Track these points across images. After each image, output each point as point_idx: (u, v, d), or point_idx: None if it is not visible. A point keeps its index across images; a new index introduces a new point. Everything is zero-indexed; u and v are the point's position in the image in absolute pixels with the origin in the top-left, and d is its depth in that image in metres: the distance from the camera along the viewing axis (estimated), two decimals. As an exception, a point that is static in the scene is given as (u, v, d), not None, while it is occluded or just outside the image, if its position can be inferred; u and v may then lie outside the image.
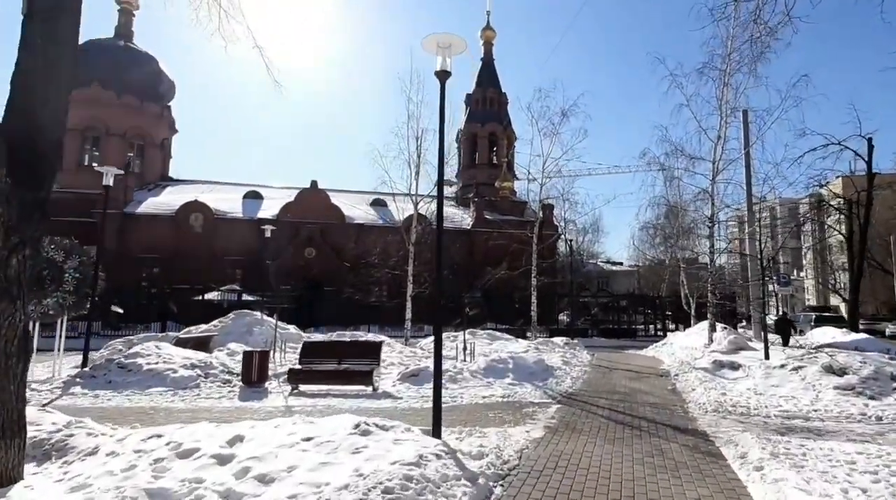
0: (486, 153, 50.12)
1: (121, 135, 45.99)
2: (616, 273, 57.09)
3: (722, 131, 17.38)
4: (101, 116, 45.38)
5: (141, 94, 46.80)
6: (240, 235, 40.72)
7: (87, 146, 46.21)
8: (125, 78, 45.93)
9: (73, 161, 44.97)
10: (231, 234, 40.57)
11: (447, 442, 6.46)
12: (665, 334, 30.35)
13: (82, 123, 45.38)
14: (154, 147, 48.47)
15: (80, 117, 45.30)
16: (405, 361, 16.07)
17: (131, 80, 46.17)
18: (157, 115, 48.37)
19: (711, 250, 17.09)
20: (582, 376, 13.92)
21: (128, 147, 46.81)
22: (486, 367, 13.14)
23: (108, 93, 45.44)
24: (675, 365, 15.68)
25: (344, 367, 11.77)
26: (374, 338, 20.45)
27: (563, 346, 19.35)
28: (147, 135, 47.70)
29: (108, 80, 45.32)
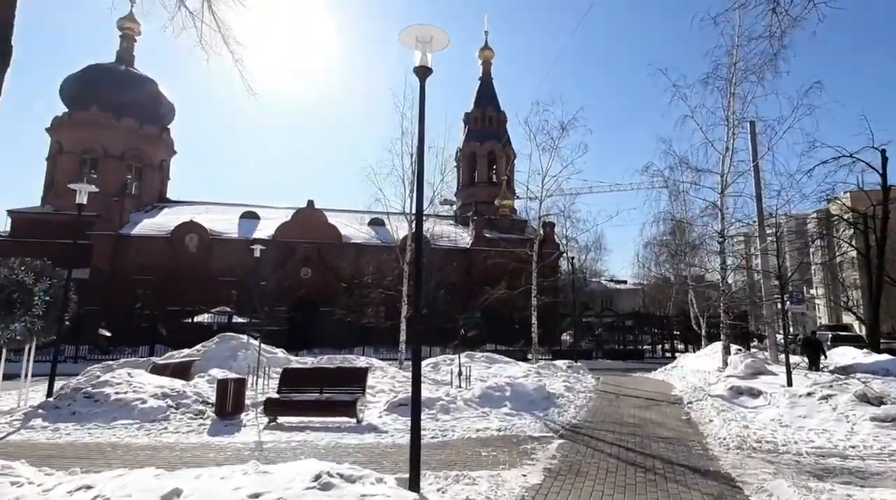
0: (486, 172, 49.34)
1: (118, 157, 45.44)
2: (620, 292, 55.82)
3: (729, 143, 16.46)
4: (99, 138, 44.96)
5: (140, 116, 46.41)
6: (235, 255, 39.76)
7: (85, 168, 45.56)
8: (124, 101, 45.59)
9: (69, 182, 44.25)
10: (226, 254, 39.66)
11: (426, 497, 5.38)
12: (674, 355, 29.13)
13: (80, 145, 45.01)
14: (152, 169, 47.88)
15: (79, 140, 44.99)
16: (397, 387, 14.95)
17: (130, 104, 45.83)
18: (155, 137, 47.85)
19: (723, 266, 16.01)
20: (587, 405, 12.78)
21: (126, 169, 46.24)
22: (481, 395, 12.04)
23: (106, 115, 45.08)
24: (687, 391, 14.54)
25: (326, 396, 10.69)
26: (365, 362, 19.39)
27: (566, 369, 18.21)
28: (145, 157, 47.14)
29: (107, 104, 45.05)
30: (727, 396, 12.10)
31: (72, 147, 44.90)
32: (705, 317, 21.67)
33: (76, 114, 45.16)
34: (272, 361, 18.40)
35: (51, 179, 45.52)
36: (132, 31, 49.15)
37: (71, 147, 44.92)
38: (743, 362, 13.89)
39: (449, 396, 12.14)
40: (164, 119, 49.21)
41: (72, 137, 45.01)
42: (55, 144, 45.75)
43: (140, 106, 46.42)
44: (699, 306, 21.80)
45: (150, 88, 48.11)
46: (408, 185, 21.25)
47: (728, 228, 16.24)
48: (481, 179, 49.15)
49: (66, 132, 45.17)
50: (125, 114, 45.50)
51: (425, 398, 11.60)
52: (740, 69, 16.20)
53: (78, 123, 44.93)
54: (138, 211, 44.23)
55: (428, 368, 19.02)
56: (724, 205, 16.26)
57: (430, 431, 9.59)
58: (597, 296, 51.01)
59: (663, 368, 20.89)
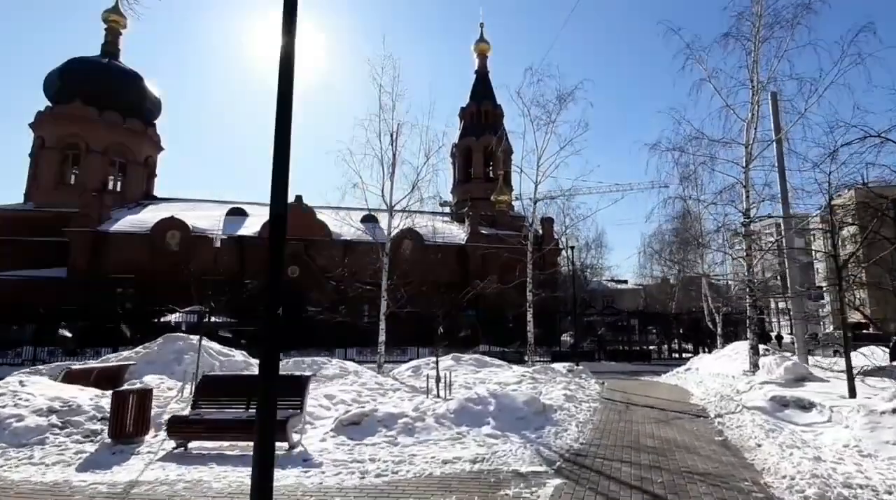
0: (482, 167, 46.64)
1: (101, 152, 43.00)
2: (622, 292, 52.94)
3: (754, 108, 13.69)
4: (81, 132, 42.55)
5: (124, 110, 44.06)
6: (219, 253, 37.17)
7: (67, 164, 43.04)
8: (108, 95, 43.34)
9: (51, 178, 41.96)
10: (210, 252, 37.00)
11: None
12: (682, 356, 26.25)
13: (62, 140, 42.64)
14: (137, 165, 45.36)
15: (60, 135, 42.59)
16: (363, 396, 12.21)
17: (114, 97, 43.55)
18: (140, 132, 45.38)
19: (749, 252, 13.22)
20: (591, 419, 10.01)
21: (109, 165, 43.75)
22: (458, 409, 9.28)
23: (89, 109, 42.67)
24: (711, 399, 11.75)
25: (248, 415, 7.94)
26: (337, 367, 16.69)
27: (566, 374, 15.45)
28: (129, 152, 44.69)
29: (90, 98, 42.76)
30: (769, 408, 9.34)
31: (54, 142, 42.48)
32: (721, 314, 18.89)
33: (58, 108, 42.73)
34: (228, 365, 15.67)
35: (33, 176, 42.99)
36: (117, 24, 46.78)
37: (53, 142, 42.50)
38: (781, 365, 11.11)
39: (418, 410, 9.39)
40: (149, 114, 46.73)
41: (54, 133, 42.56)
42: (37, 140, 43.33)
43: (124, 100, 44.09)
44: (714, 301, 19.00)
45: (135, 82, 45.72)
46: (387, 167, 18.54)
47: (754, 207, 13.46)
48: (477, 175, 46.46)
49: (48, 127, 42.73)
50: (108, 108, 43.11)
51: (385, 414, 8.89)
52: (766, 21, 13.49)
53: (59, 117, 42.49)
54: (121, 208, 41.68)
55: (408, 372, 16.28)
56: (749, 181, 13.49)
57: (379, 464, 6.84)
58: (597, 296, 48.14)
59: (674, 371, 18.09)
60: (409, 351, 26.03)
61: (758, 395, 9.98)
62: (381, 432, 8.39)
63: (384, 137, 18.26)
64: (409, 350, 26.04)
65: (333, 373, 16.21)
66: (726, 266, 20.75)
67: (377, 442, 7.98)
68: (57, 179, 42.28)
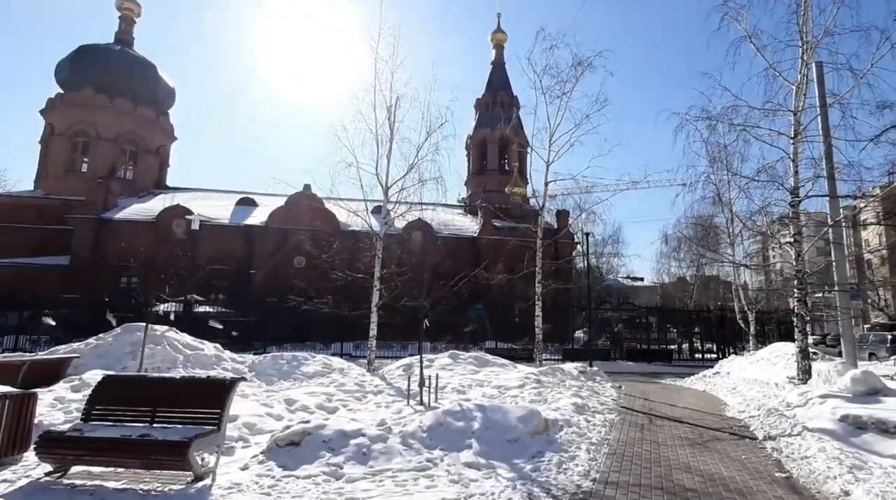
0: (497, 159, 44.20)
1: (111, 140, 41.54)
2: (638, 289, 50.09)
3: (804, 69, 11.18)
4: (91, 120, 41.16)
5: (136, 98, 42.50)
6: (227, 242, 35.45)
7: (77, 152, 41.67)
8: (120, 82, 41.84)
9: (60, 166, 40.57)
10: (217, 241, 35.27)
11: None
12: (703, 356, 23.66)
13: (72, 127, 41.26)
14: (148, 154, 43.82)
15: (71, 122, 41.22)
16: (333, 401, 10.08)
17: (126, 85, 42.06)
18: (152, 121, 43.82)
19: (797, 237, 10.73)
20: (606, 439, 7.69)
21: (119, 153, 42.27)
22: (434, 425, 7.04)
23: (100, 97, 41.24)
24: (753, 413, 9.35)
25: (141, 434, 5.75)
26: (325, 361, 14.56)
27: (577, 376, 13.11)
28: (141, 141, 43.14)
29: (101, 85, 41.31)
30: (840, 432, 6.95)
31: (63, 129, 41.13)
32: (754, 312, 16.33)
33: (69, 95, 41.37)
34: (195, 360, 13.66)
35: (43, 164, 41.72)
36: (132, 11, 45.39)
37: (63, 129, 41.14)
38: (844, 373, 8.64)
39: (383, 426, 7.19)
40: (162, 103, 45.17)
41: (64, 119, 41.20)
42: (48, 127, 42.06)
43: (136, 88, 42.60)
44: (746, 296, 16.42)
45: (148, 70, 44.16)
46: (383, 144, 16.29)
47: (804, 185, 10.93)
48: (492, 167, 44.05)
49: (59, 114, 41.39)
50: (120, 96, 41.59)
51: (334, 432, 6.69)
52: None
53: (70, 104, 41.12)
54: (131, 197, 40.16)
55: (399, 371, 14.04)
56: (797, 154, 10.98)
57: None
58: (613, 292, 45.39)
59: (701, 374, 15.61)
60: (410, 347, 23.90)
61: (821, 412, 7.56)
62: (323, 457, 6.19)
63: (380, 110, 16.02)
64: (409, 346, 23.93)
65: (314, 371, 14.11)
66: (758, 258, 18.06)
67: (314, 474, 5.78)
68: (66, 166, 40.92)
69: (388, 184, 16.07)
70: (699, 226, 16.03)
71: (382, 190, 15.96)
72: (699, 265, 27.92)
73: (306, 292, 32.46)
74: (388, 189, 16.05)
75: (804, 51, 11.34)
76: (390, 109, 16.21)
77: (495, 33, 47.50)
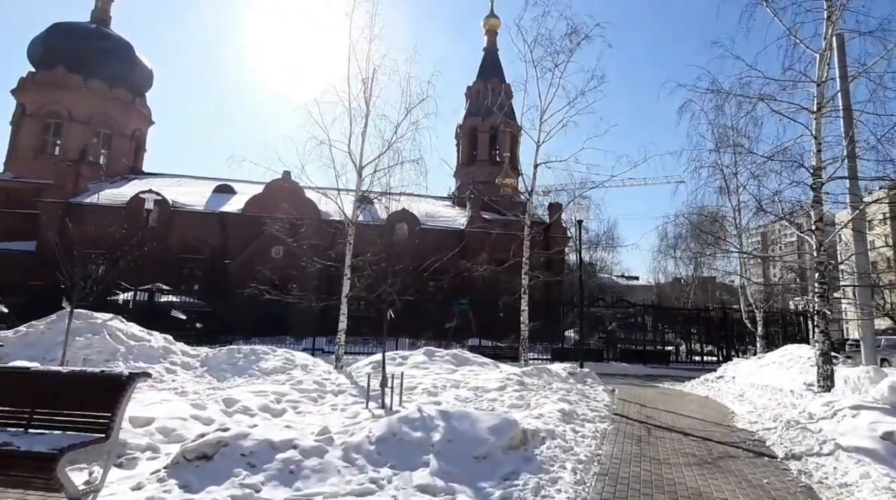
0: (487, 149, 42.95)
1: (84, 122, 39.86)
2: (632, 288, 48.90)
3: (829, 33, 9.96)
4: (63, 100, 39.54)
5: (110, 79, 40.84)
6: (201, 230, 34.02)
7: (48, 134, 40.03)
8: (94, 62, 40.12)
9: (30, 148, 38.90)
10: (191, 229, 33.86)
11: None
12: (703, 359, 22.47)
13: (44, 108, 39.63)
14: (123, 137, 42.27)
15: (42, 102, 39.61)
16: (282, 402, 8.77)
17: (101, 65, 40.36)
18: (128, 103, 42.27)
19: (818, 224, 9.50)
20: (597, 456, 6.42)
21: (93, 136, 40.61)
22: (385, 435, 5.75)
23: (73, 76, 39.61)
24: (769, 425, 8.12)
25: (6, 441, 4.43)
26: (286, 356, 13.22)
27: (566, 377, 11.85)
28: (115, 124, 41.60)
29: (74, 65, 39.65)
30: (883, 453, 5.76)
31: (35, 110, 39.49)
32: (762, 311, 15.13)
33: (40, 74, 39.70)
34: (139, 352, 12.32)
35: (13, 146, 40.04)
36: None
37: (34, 110, 39.51)
38: (880, 381, 7.43)
39: (326, 435, 5.88)
40: (139, 85, 43.57)
41: (35, 100, 39.56)
42: (19, 107, 40.33)
43: (112, 69, 40.94)
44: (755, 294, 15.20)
45: (125, 50, 42.58)
46: (358, 121, 14.90)
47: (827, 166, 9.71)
48: (482, 158, 42.80)
49: (30, 94, 39.75)
50: (94, 76, 39.91)
51: (258, 443, 5.38)
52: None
53: (42, 83, 39.47)
54: (104, 181, 38.57)
55: (368, 368, 12.69)
56: (820, 130, 9.76)
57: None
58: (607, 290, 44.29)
59: (702, 378, 14.38)
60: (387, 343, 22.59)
61: (856, 427, 6.34)
62: (237, 476, 4.89)
63: (354, 82, 14.64)
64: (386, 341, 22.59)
65: (273, 366, 12.80)
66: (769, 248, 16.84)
67: (219, 499, 4.47)
68: (37, 148, 39.29)
69: (361, 163, 14.72)
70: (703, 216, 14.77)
71: (356, 169, 14.59)
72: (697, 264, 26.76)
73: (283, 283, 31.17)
74: (361, 169, 14.70)
75: (830, 13, 10.12)
76: (366, 81, 14.85)
77: (488, 18, 46.17)
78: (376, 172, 14.78)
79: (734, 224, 15.44)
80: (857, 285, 10.39)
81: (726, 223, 15.50)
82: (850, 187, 10.86)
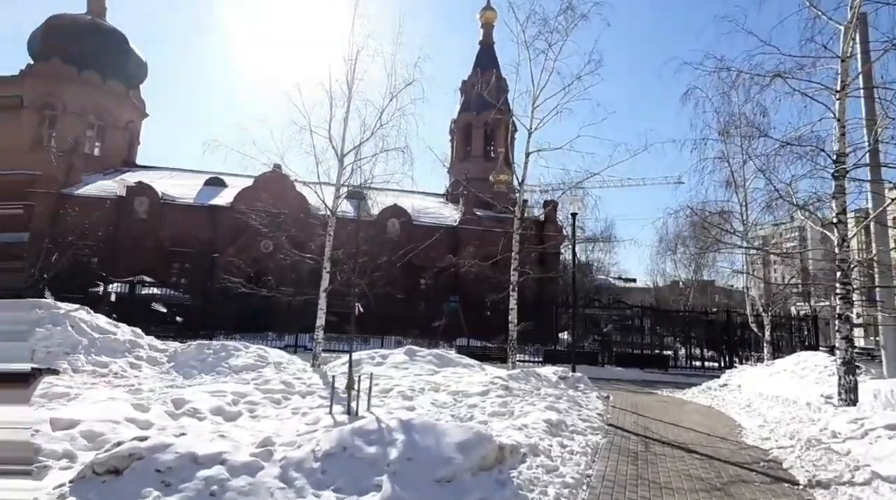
0: (482, 145, 41.90)
1: (78, 114, 38.95)
2: (630, 291, 47.74)
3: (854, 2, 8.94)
4: (58, 92, 38.69)
5: (104, 71, 39.95)
6: (190, 223, 33.10)
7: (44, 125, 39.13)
8: (88, 53, 39.37)
9: (26, 139, 37.99)
10: (180, 222, 32.96)
11: None
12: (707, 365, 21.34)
13: (39, 99, 38.74)
14: (117, 129, 41.31)
15: (38, 94, 38.71)
16: (240, 404, 7.79)
17: (94, 56, 39.56)
18: (121, 95, 41.31)
19: (841, 217, 8.46)
20: (586, 477, 5.43)
21: (86, 127, 39.73)
22: (334, 450, 4.75)
23: (67, 68, 38.72)
24: (784, 443, 7.14)
25: None
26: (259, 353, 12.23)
27: (556, 382, 10.84)
28: (109, 116, 40.63)
29: (70, 56, 38.79)
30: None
31: (31, 102, 38.60)
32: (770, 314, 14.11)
33: (37, 66, 38.87)
34: (104, 345, 11.34)
35: (13, 137, 39.12)
36: (105, -20, 42.68)
37: (30, 102, 38.60)
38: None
39: (266, 447, 4.89)
40: (133, 77, 42.61)
41: (32, 92, 38.66)
42: (17, 99, 39.43)
43: (106, 61, 40.02)
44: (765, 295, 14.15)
45: (118, 42, 41.62)
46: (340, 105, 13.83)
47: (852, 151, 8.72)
48: (476, 153, 41.71)
49: (27, 86, 38.81)
50: (87, 67, 39.03)
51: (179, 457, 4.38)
52: None
53: (38, 75, 38.60)
54: (96, 173, 37.69)
55: (344, 367, 11.73)
56: (844, 112, 8.76)
57: None
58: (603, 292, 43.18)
59: (704, 385, 13.35)
60: (373, 340, 21.64)
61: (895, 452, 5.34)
62: (147, 497, 3.91)
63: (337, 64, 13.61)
64: (372, 339, 21.69)
65: (244, 364, 11.82)
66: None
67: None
68: (34, 140, 38.39)
69: (343, 151, 13.70)
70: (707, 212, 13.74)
71: (337, 157, 13.56)
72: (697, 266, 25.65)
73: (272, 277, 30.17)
74: (343, 157, 13.68)
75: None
76: (349, 63, 13.84)
77: (484, 10, 45.09)
78: (359, 160, 13.69)
79: (741, 220, 14.44)
80: (878, 286, 9.39)
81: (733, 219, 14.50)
82: (871, 174, 9.95)
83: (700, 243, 15.44)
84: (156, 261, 31.41)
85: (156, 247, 32.32)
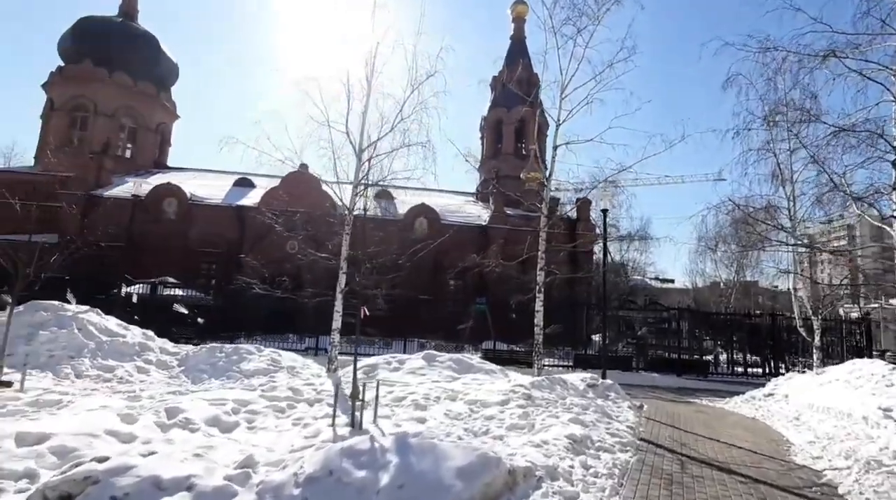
0: (513, 142, 41.03)
1: (109, 115, 39.81)
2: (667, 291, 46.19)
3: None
4: (90, 94, 39.67)
5: (135, 73, 40.75)
6: (218, 223, 33.35)
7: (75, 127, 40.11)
8: (119, 55, 40.12)
9: (58, 141, 38.93)
10: (208, 222, 33.24)
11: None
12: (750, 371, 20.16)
13: (71, 101, 39.84)
14: (148, 131, 42.10)
15: (69, 96, 39.77)
16: (241, 413, 7.37)
17: (126, 58, 40.38)
18: (152, 97, 42.04)
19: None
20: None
21: (117, 129, 40.56)
22: (318, 474, 4.22)
23: (99, 70, 39.66)
24: (835, 460, 6.35)
25: None
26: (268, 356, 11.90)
27: (584, 389, 10.16)
28: (140, 117, 41.50)
29: (101, 58, 39.68)
30: None
31: (62, 104, 39.72)
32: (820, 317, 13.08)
33: (68, 68, 39.91)
34: (112, 348, 11.16)
35: (43, 139, 40.25)
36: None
37: (61, 104, 39.73)
38: None
39: (245, 468, 4.42)
40: (164, 79, 43.36)
41: (63, 94, 39.78)
42: (48, 102, 40.64)
43: (137, 63, 40.85)
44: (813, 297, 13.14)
45: (150, 44, 42.39)
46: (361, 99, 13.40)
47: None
48: (507, 151, 40.89)
49: (58, 88, 40.02)
50: (118, 69, 39.80)
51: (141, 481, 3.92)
52: None
53: (69, 77, 39.64)
54: (128, 175, 38.38)
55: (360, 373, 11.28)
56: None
57: None
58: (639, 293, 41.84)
59: (748, 394, 12.41)
60: (395, 344, 21.20)
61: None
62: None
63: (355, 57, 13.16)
64: (393, 343, 21.24)
65: (255, 368, 11.51)
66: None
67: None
68: (65, 142, 39.34)
69: (361, 146, 13.25)
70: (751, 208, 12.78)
71: (355, 152, 13.14)
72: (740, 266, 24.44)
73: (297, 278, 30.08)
74: (361, 152, 13.24)
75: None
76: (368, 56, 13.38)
77: (516, 4, 44.30)
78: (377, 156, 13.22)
79: (788, 215, 13.39)
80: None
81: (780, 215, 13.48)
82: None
83: (743, 242, 14.51)
84: (183, 262, 31.73)
85: (183, 247, 32.64)
